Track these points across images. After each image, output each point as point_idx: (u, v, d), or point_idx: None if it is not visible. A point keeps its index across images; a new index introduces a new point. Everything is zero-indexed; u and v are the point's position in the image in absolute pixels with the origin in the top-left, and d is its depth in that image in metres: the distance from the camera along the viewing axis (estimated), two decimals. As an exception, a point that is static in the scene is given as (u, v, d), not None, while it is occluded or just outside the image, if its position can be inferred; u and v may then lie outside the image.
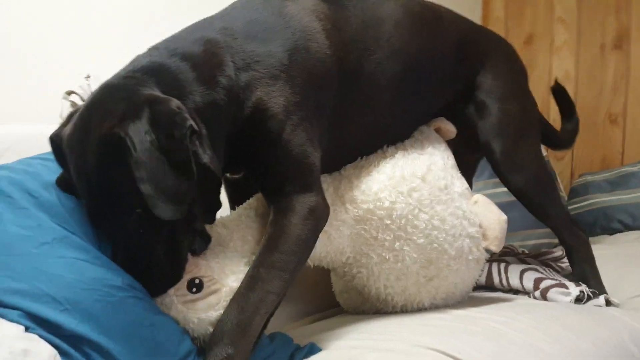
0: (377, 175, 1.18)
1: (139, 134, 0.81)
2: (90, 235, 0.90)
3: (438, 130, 1.33)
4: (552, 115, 2.07)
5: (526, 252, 1.64)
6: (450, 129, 1.33)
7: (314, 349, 1.04)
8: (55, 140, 0.93)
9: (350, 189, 1.17)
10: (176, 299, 0.94)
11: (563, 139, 1.59)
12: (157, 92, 0.88)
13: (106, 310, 0.81)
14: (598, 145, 2.41)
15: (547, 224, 1.43)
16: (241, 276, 0.97)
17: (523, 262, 1.50)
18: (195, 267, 0.97)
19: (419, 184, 1.18)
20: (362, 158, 1.22)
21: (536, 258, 1.53)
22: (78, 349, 0.78)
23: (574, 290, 1.31)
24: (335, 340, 1.08)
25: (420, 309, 1.22)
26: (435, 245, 1.16)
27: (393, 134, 1.26)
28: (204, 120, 0.90)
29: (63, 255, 0.83)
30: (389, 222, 1.15)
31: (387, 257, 1.17)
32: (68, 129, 0.89)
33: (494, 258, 1.53)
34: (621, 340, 1.16)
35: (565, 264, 1.46)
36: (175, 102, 0.86)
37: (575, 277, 1.38)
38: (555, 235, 1.44)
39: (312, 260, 1.16)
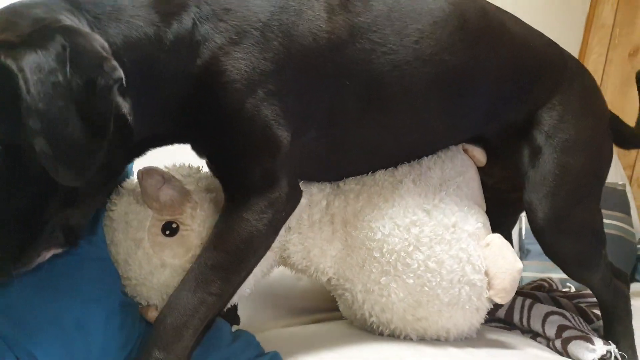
0: (376, 199, 1.05)
1: (39, 71, 0.64)
2: None
3: (466, 152, 1.18)
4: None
5: (567, 290, 1.47)
6: (478, 157, 1.16)
7: (275, 358, 0.98)
8: None
9: (344, 209, 1.06)
10: (147, 236, 0.90)
11: (636, 136, 1.30)
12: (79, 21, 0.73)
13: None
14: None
15: (585, 285, 1.24)
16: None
17: (554, 301, 1.34)
18: (178, 211, 0.91)
19: (422, 217, 1.04)
20: (368, 173, 1.10)
21: (571, 299, 1.36)
22: None
23: (600, 348, 1.13)
24: (304, 353, 1.01)
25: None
26: (427, 288, 1.04)
27: (409, 150, 1.10)
28: (132, 69, 0.75)
29: None
30: (377, 255, 1.03)
31: (371, 289, 1.06)
32: None
33: (522, 291, 1.38)
34: None
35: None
36: (100, 41, 0.71)
37: (605, 334, 1.21)
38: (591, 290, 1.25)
39: (292, 269, 1.10)
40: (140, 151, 0.89)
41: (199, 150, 0.92)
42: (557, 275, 1.55)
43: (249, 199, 0.86)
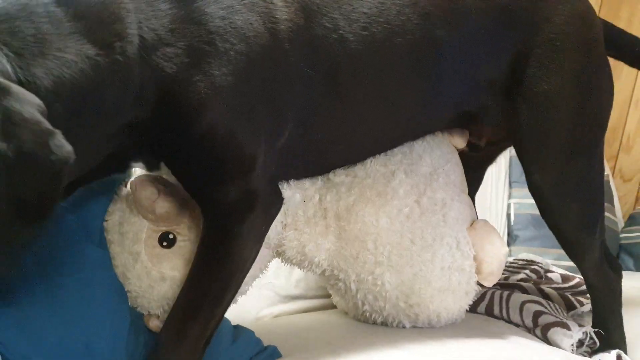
0: (368, 193, 1.05)
1: None
2: None
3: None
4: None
5: (558, 272, 1.50)
6: (458, 142, 1.16)
7: (274, 355, 1.00)
8: None
9: (337, 202, 1.06)
10: (144, 249, 0.89)
11: None
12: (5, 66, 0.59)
13: None
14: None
15: (575, 262, 1.16)
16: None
17: (540, 291, 1.36)
18: (175, 222, 0.90)
19: (415, 209, 1.06)
20: (357, 164, 1.08)
21: (557, 290, 1.38)
22: None
23: (577, 332, 1.18)
24: (300, 345, 1.03)
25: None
26: (420, 277, 1.06)
27: (390, 138, 1.06)
28: (66, 114, 0.64)
29: None
30: (371, 247, 1.05)
31: (365, 279, 1.08)
32: None
33: (508, 282, 1.40)
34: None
35: (587, 299, 1.30)
36: (36, 103, 0.58)
37: (595, 322, 1.19)
38: (581, 274, 1.21)
39: (287, 262, 1.10)
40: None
41: (171, 169, 0.87)
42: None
43: (229, 223, 0.83)
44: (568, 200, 1.06)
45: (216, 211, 0.83)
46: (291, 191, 1.03)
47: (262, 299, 1.37)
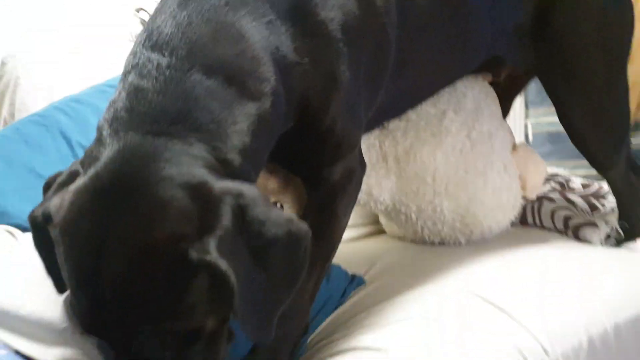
0: (423, 134, 1.17)
1: (236, 255, 0.60)
2: None
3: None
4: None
5: (577, 181, 1.62)
6: (486, 79, 1.26)
7: (360, 283, 1.13)
8: (37, 219, 0.67)
9: (395, 147, 1.18)
10: None
11: None
12: (212, 172, 0.64)
13: None
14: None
15: (602, 175, 1.27)
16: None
17: (567, 200, 1.48)
18: (282, 195, 1.00)
19: (466, 143, 1.17)
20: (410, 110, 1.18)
21: (581, 197, 1.50)
22: None
23: (603, 227, 1.33)
24: (378, 272, 1.16)
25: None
26: (474, 200, 1.20)
27: (444, 81, 1.15)
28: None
29: None
30: (430, 181, 1.17)
31: (425, 208, 1.21)
32: (67, 209, 0.63)
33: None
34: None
35: (607, 200, 1.44)
36: (262, 196, 0.64)
37: (620, 218, 1.32)
38: (607, 182, 1.33)
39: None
40: None
41: (283, 163, 0.94)
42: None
43: (336, 195, 0.91)
44: (597, 126, 1.16)
45: (322, 187, 0.91)
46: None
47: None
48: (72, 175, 0.66)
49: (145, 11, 1.51)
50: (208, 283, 0.60)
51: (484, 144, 1.19)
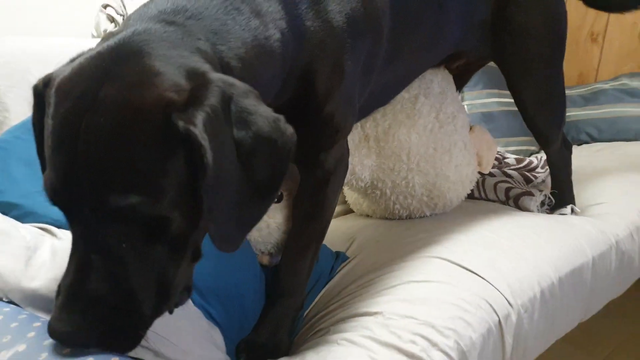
0: (399, 116, 1.31)
1: (220, 139, 0.59)
2: None
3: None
4: None
5: (511, 157, 1.83)
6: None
7: (343, 259, 1.24)
8: (38, 86, 0.68)
9: (375, 128, 1.32)
10: None
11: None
12: (207, 63, 0.65)
13: None
14: (577, 61, 2.55)
15: (544, 149, 1.50)
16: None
17: (504, 174, 1.68)
18: (288, 183, 1.08)
19: (435, 123, 1.33)
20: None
21: (517, 170, 1.72)
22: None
23: (539, 196, 1.55)
24: (357, 248, 1.28)
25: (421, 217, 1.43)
26: (440, 175, 1.36)
27: (421, 68, 1.28)
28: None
29: None
30: (405, 158, 1.32)
31: (399, 183, 1.36)
32: (65, 73, 0.64)
33: None
34: (579, 244, 1.39)
35: (539, 173, 1.66)
36: (254, 93, 0.64)
37: (552, 187, 1.56)
38: (545, 154, 1.54)
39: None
40: None
41: None
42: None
43: (328, 179, 0.98)
44: (546, 107, 1.38)
45: (317, 169, 0.98)
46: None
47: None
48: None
49: (113, 7, 1.54)
50: (184, 163, 0.59)
51: (449, 125, 1.35)
